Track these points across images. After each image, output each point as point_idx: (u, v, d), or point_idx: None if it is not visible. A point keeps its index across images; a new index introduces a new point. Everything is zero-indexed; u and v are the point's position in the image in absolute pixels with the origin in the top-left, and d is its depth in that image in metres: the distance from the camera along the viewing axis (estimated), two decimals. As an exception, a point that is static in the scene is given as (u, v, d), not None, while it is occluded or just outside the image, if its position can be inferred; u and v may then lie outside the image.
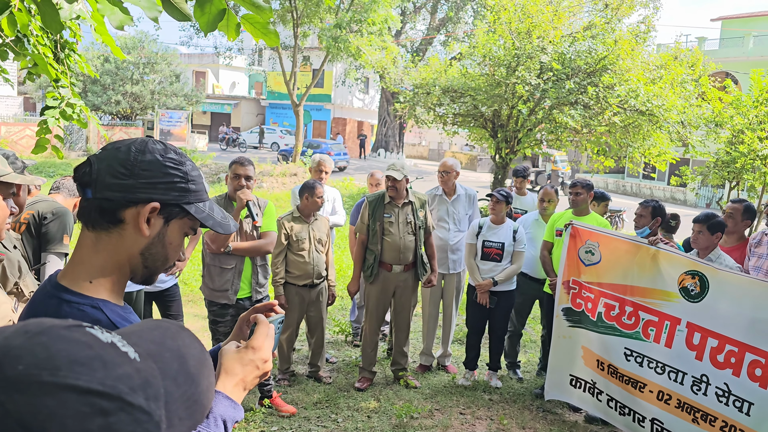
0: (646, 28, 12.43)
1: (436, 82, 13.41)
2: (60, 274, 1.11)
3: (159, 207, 1.10)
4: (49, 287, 1.10)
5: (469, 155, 34.88)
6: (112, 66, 27.62)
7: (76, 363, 0.54)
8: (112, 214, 1.08)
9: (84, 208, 1.10)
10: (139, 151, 1.09)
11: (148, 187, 1.08)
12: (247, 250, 4.10)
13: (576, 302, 4.50)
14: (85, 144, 24.55)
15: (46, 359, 0.53)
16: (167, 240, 1.15)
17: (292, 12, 19.77)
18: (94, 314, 1.06)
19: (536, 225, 5.44)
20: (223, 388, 1.13)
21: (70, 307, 1.05)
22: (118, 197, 1.07)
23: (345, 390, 4.90)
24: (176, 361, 0.68)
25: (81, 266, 1.09)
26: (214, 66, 42.21)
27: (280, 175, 18.67)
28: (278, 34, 1.59)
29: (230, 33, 1.57)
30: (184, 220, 1.16)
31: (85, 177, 1.08)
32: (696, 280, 3.74)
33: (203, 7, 1.48)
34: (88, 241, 1.10)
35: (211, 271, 4.13)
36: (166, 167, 1.11)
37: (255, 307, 1.39)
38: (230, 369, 1.16)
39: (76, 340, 0.57)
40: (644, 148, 12.00)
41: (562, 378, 4.62)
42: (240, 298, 4.15)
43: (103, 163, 1.08)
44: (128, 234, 1.09)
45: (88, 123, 4.22)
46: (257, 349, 1.20)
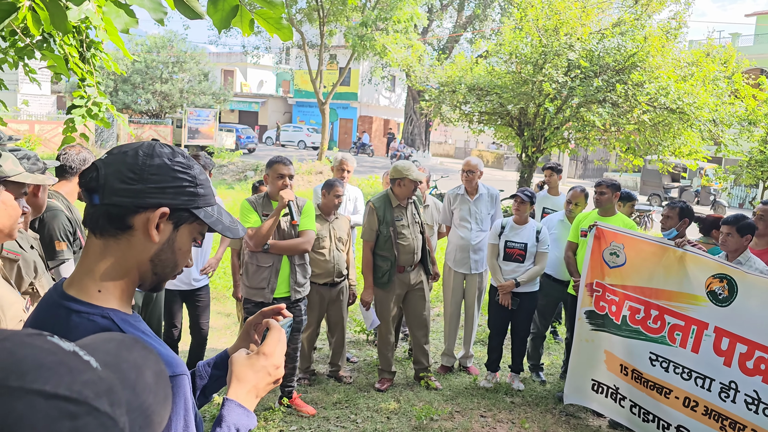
0: (677, 24, 12.17)
1: (462, 80, 13.32)
2: (67, 282, 1.09)
3: (169, 212, 1.08)
4: (56, 296, 1.08)
5: (496, 154, 34.64)
6: (142, 65, 28.08)
7: (43, 368, 0.55)
8: (120, 220, 1.06)
9: (91, 214, 1.07)
10: (147, 155, 1.07)
11: (157, 192, 1.06)
12: (284, 248, 4.11)
13: (599, 305, 4.41)
14: (116, 142, 24.97)
15: (12, 364, 0.54)
16: (177, 246, 1.13)
17: (318, 10, 19.85)
18: (104, 324, 1.03)
19: (561, 225, 5.35)
20: (236, 395, 1.12)
21: (79, 317, 1.03)
22: (126, 203, 1.05)
23: (365, 390, 4.88)
24: (133, 371, 0.68)
25: (89, 274, 1.07)
26: (242, 64, 42.61)
27: (306, 173, 18.77)
28: (291, 29, 1.57)
29: (244, 29, 1.56)
30: (193, 225, 1.14)
31: (92, 182, 1.05)
32: (724, 283, 3.63)
33: (216, 4, 1.47)
34: (96, 249, 1.08)
35: (249, 268, 4.13)
36: (174, 171, 1.09)
37: (263, 311, 1.38)
38: (242, 376, 1.15)
39: (39, 346, 0.57)
40: (674, 146, 11.74)
41: (584, 382, 4.53)
42: (277, 297, 4.14)
43: (111, 168, 1.06)
44: (137, 240, 1.07)
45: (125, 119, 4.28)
46: (269, 355, 1.19)
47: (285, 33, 1.52)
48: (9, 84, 20.80)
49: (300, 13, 21.76)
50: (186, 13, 1.47)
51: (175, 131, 25.78)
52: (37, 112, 26.13)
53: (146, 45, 29.37)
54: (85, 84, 4.23)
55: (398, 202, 4.76)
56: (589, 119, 11.30)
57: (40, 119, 24.29)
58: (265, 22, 1.52)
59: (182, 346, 4.89)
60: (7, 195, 1.71)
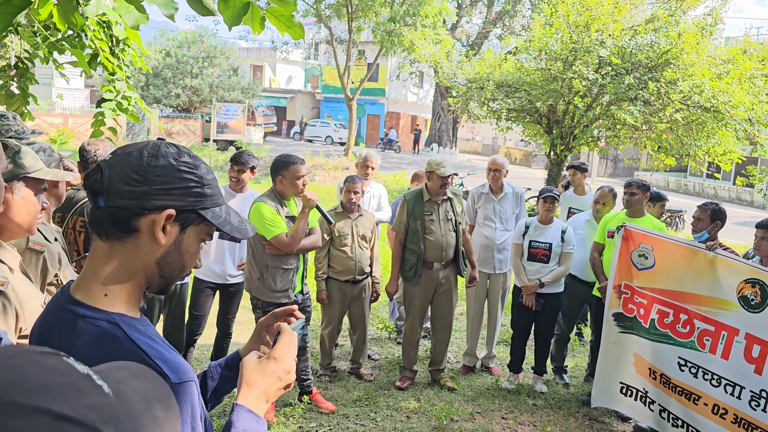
0: (713, 21, 11.84)
1: (491, 77, 13.18)
2: (73, 286, 1.07)
3: (175, 214, 1.06)
4: (63, 300, 1.06)
5: (524, 151, 34.31)
6: (173, 60, 28.49)
7: (50, 387, 0.54)
8: (125, 223, 1.04)
9: (95, 217, 1.05)
10: (152, 155, 1.05)
11: (162, 194, 1.04)
12: (305, 247, 4.09)
13: (628, 307, 4.31)
14: (147, 135, 25.35)
15: (21, 381, 0.53)
16: (184, 248, 1.11)
17: (347, 6, 19.86)
18: (110, 330, 1.02)
19: (588, 226, 5.25)
20: (245, 401, 1.10)
21: (85, 323, 1.01)
22: (131, 205, 1.03)
23: (386, 388, 4.86)
24: (142, 402, 0.66)
25: (95, 279, 1.05)
26: (271, 60, 42.89)
27: (332, 169, 18.83)
28: (302, 27, 1.55)
29: (255, 26, 1.54)
30: (200, 226, 1.12)
31: (97, 185, 1.03)
32: (756, 288, 3.51)
33: (227, 1, 1.45)
34: (102, 252, 1.06)
35: (274, 273, 4.01)
36: (180, 172, 1.07)
37: (274, 312, 1.35)
38: (252, 381, 1.13)
39: (51, 366, 0.57)
40: (708, 146, 11.44)
41: (611, 385, 4.44)
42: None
43: (115, 169, 1.03)
44: (143, 243, 1.05)
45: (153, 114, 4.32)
46: (280, 359, 1.16)
47: (296, 31, 1.49)
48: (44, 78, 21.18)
49: (329, 8, 21.80)
50: (198, 10, 1.46)
51: (204, 125, 26.08)
52: (72, 105, 26.66)
53: (177, 40, 29.77)
54: (114, 78, 4.27)
55: (430, 196, 4.73)
56: (620, 117, 11.09)
57: (74, 113, 24.77)
58: (275, 20, 1.49)
59: (205, 340, 4.94)
60: (27, 191, 1.72)
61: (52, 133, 21.10)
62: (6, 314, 1.58)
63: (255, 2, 1.51)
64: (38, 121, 19.13)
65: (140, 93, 27.84)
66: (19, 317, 1.63)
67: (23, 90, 4.43)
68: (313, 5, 21.18)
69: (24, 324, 1.63)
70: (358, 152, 6.03)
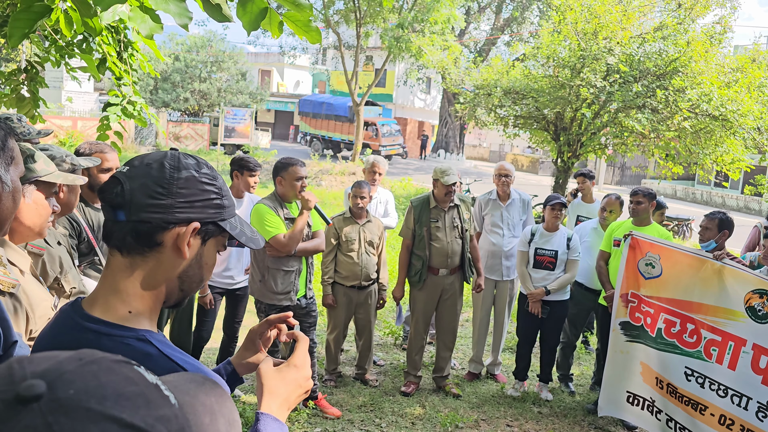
0: (722, 29, 11.81)
1: (498, 83, 13.18)
2: (88, 304, 1.02)
3: (199, 227, 1.04)
4: (77, 318, 1.01)
5: (531, 158, 34.26)
6: (181, 64, 28.65)
7: (122, 396, 0.55)
8: (149, 237, 1.01)
9: (115, 231, 1.02)
10: (174, 167, 1.03)
11: (186, 207, 1.02)
12: (307, 249, 4.12)
13: (635, 316, 4.30)
14: (155, 139, 25.49)
15: (95, 388, 0.54)
16: (204, 260, 1.09)
17: (355, 12, 19.93)
18: (142, 348, 0.99)
19: (594, 234, 5.24)
20: (269, 409, 1.09)
21: (111, 341, 0.97)
22: (156, 219, 1.00)
23: (391, 394, 4.86)
24: (208, 416, 0.66)
25: (116, 295, 1.02)
26: (279, 65, 43.05)
27: (339, 174, 18.85)
28: (320, 31, 1.56)
29: (273, 31, 1.56)
30: (218, 238, 1.11)
31: (118, 198, 1.00)
32: (764, 299, 3.49)
33: (245, 6, 1.47)
34: (122, 267, 1.02)
35: (275, 274, 4.05)
36: (202, 184, 1.05)
37: (268, 319, 1.33)
38: (274, 389, 1.12)
39: (124, 374, 0.58)
40: (716, 154, 11.40)
41: (618, 394, 4.42)
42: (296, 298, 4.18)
43: (136, 182, 1.00)
44: (166, 257, 1.03)
45: (159, 119, 4.34)
46: (300, 366, 1.17)
47: (313, 36, 1.51)
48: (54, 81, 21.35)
49: (337, 14, 21.90)
50: (215, 16, 1.47)
51: (212, 129, 26.19)
52: (81, 108, 26.84)
53: (186, 44, 29.94)
54: (121, 83, 4.31)
55: (437, 203, 4.74)
56: (628, 125, 11.06)
57: (84, 116, 24.92)
58: (293, 25, 1.51)
59: (211, 344, 4.95)
60: (38, 194, 1.73)
61: (62, 136, 21.23)
62: (17, 316, 1.60)
63: (271, 7, 1.53)
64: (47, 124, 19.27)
65: (149, 97, 28.03)
66: (29, 319, 1.65)
67: (33, 93, 4.47)
68: (321, 11, 21.27)
69: (34, 326, 1.64)
70: (366, 158, 6.04)
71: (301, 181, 4.00)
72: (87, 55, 3.25)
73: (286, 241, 3.90)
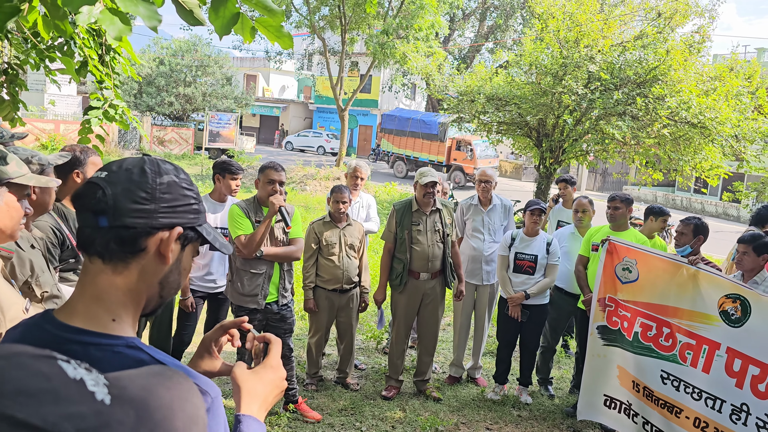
0: (701, 38, 12.02)
1: (481, 90, 13.30)
2: (65, 314, 0.98)
3: (182, 231, 1.04)
4: (55, 330, 0.96)
5: (514, 164, 34.48)
6: (166, 68, 28.49)
7: (23, 394, 0.53)
8: (133, 243, 0.99)
9: (95, 238, 0.98)
10: (156, 172, 1.02)
11: (169, 212, 1.01)
12: (278, 255, 4.11)
13: (612, 320, 4.36)
14: (139, 143, 25.31)
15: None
16: (183, 266, 1.09)
17: (340, 18, 19.98)
18: (134, 355, 0.96)
19: (572, 238, 5.31)
20: (250, 410, 1.10)
21: (100, 350, 0.94)
22: (141, 224, 0.98)
23: (371, 398, 4.87)
24: (161, 412, 0.64)
25: (98, 303, 0.99)
26: (264, 70, 42.99)
27: (324, 179, 18.84)
28: (291, 37, 1.58)
29: (245, 36, 1.57)
30: (194, 243, 1.10)
31: (100, 204, 0.97)
32: (737, 304, 3.56)
33: (217, 11, 1.49)
34: (103, 274, 0.99)
35: (242, 276, 4.10)
36: (183, 189, 1.05)
37: (222, 324, 1.32)
38: (252, 390, 1.13)
39: (35, 370, 0.56)
40: (695, 161, 11.58)
41: (596, 398, 4.47)
42: (267, 302, 4.17)
43: (118, 187, 0.98)
44: (148, 263, 1.02)
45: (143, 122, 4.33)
46: (276, 367, 1.18)
47: (285, 41, 1.53)
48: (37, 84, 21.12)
49: (322, 20, 21.93)
50: (188, 20, 1.49)
51: (197, 134, 26.07)
52: (63, 111, 26.58)
53: (171, 48, 29.79)
54: (102, 86, 4.29)
55: (419, 207, 4.77)
56: (609, 132, 11.20)
57: (66, 119, 24.69)
58: (265, 30, 1.53)
59: (192, 348, 4.92)
60: (10, 196, 1.72)
61: (44, 139, 21.01)
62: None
63: (245, 12, 1.55)
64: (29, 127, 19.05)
65: (133, 101, 27.82)
66: (0, 322, 1.64)
67: (13, 96, 4.43)
68: (306, 16, 21.30)
69: (3, 329, 1.64)
70: (348, 163, 6.07)
71: (273, 184, 4.01)
72: (66, 58, 3.24)
73: (246, 242, 3.93)
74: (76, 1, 1.05)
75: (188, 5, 1.47)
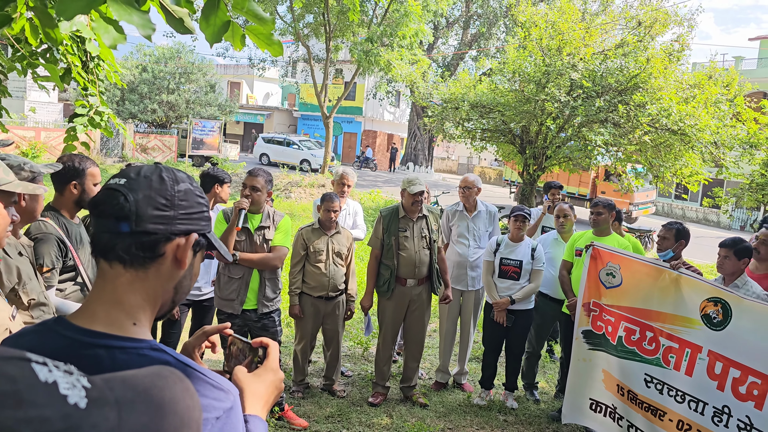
0: (680, 47, 12.24)
1: (465, 98, 13.41)
2: (84, 319, 0.99)
3: (197, 238, 1.07)
4: (76, 335, 0.97)
5: (498, 170, 34.69)
6: (149, 75, 28.31)
7: None
8: (153, 248, 1.02)
9: (117, 243, 1.00)
10: (173, 180, 1.06)
11: (185, 218, 1.05)
12: (254, 261, 4.10)
13: (596, 324, 4.40)
14: (121, 151, 25.10)
15: None
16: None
17: (325, 25, 20.01)
18: (159, 357, 0.98)
19: (555, 244, 5.36)
20: (255, 410, 1.13)
21: (126, 354, 0.96)
22: (161, 230, 1.02)
23: (358, 405, 4.87)
24: (148, 415, 0.64)
25: (118, 308, 1.01)
26: (248, 77, 42.90)
27: (308, 186, 18.81)
28: (282, 44, 1.60)
29: (236, 43, 1.59)
30: (203, 250, 1.14)
31: (123, 210, 0.99)
32: (719, 307, 3.62)
33: (208, 19, 1.50)
34: (123, 279, 1.02)
35: (221, 279, 4.18)
36: (197, 196, 1.08)
37: (204, 330, 1.34)
38: (256, 392, 1.16)
39: (2, 373, 0.55)
40: (676, 167, 11.77)
41: (581, 402, 4.51)
42: (246, 309, 4.17)
43: (139, 194, 1.01)
44: (166, 268, 1.05)
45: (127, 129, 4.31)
46: (276, 369, 1.22)
47: (275, 48, 1.55)
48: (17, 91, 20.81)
49: (307, 27, 21.96)
50: (178, 29, 1.50)
51: (180, 141, 25.92)
52: (44, 119, 26.29)
53: (154, 55, 29.62)
54: (87, 93, 4.27)
55: (405, 213, 4.79)
56: (591, 138, 11.34)
57: (47, 126, 24.43)
58: (256, 38, 1.54)
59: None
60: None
61: (24, 147, 20.75)
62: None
63: (234, 20, 1.56)
64: (9, 134, 18.83)
65: (116, 108, 27.58)
66: None
67: (-4, 103, 4.40)
68: (291, 24, 21.32)
69: None
70: (335, 169, 6.07)
71: (246, 188, 4.07)
72: (51, 65, 3.23)
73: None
74: (69, 9, 1.06)
75: (178, 14, 1.48)
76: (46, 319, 1.04)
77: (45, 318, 2.17)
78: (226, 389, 1.00)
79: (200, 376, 0.98)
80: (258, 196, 4.08)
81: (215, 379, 1.01)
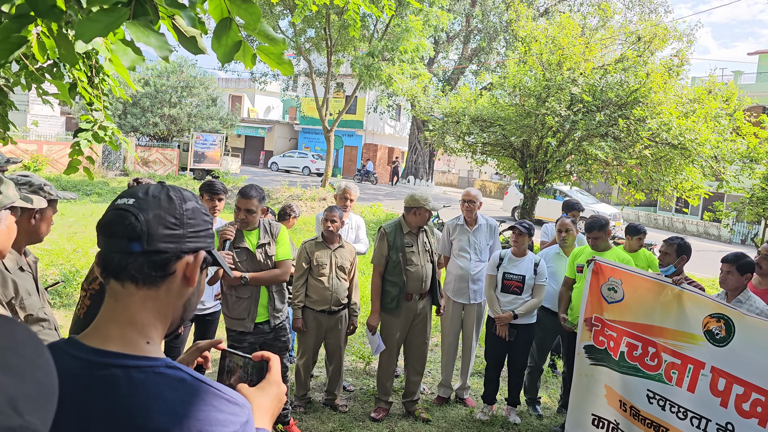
0: (680, 62, 12.32)
1: (466, 112, 13.48)
2: (99, 340, 1.00)
3: (205, 255, 1.09)
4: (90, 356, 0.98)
5: (499, 184, 34.75)
6: (151, 89, 28.46)
7: None
8: (164, 267, 1.03)
9: (129, 263, 1.02)
10: (181, 198, 1.08)
11: (194, 237, 1.07)
12: (263, 280, 4.09)
13: (599, 340, 4.40)
14: (123, 164, 25.17)
15: None
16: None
17: (326, 40, 20.16)
18: (176, 374, 0.99)
19: (557, 258, 5.37)
20: (263, 424, 1.14)
21: (142, 373, 0.97)
22: (172, 249, 1.03)
23: (360, 420, 4.85)
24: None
25: (132, 327, 1.02)
26: (250, 91, 43.11)
27: (309, 200, 18.84)
28: (292, 63, 1.62)
29: (247, 62, 1.61)
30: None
31: (135, 230, 1.01)
32: (721, 323, 3.62)
33: (220, 39, 1.52)
34: (135, 299, 1.03)
35: (228, 300, 4.12)
36: (203, 214, 1.11)
37: (198, 346, 1.35)
38: (262, 405, 1.17)
39: None
40: (676, 181, 11.80)
41: (584, 417, 4.49)
42: (258, 323, 4.16)
43: (149, 213, 1.02)
44: (176, 286, 1.06)
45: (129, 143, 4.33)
46: (279, 383, 1.23)
47: (286, 68, 1.57)
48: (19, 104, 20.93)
49: (308, 42, 22.11)
50: (190, 49, 1.53)
51: (182, 155, 26.00)
52: (47, 132, 26.41)
53: (156, 69, 29.80)
54: (92, 108, 4.30)
55: (409, 229, 4.80)
56: (592, 153, 11.39)
57: (49, 140, 24.52)
58: (267, 57, 1.57)
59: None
60: (12, 219, 1.75)
61: (26, 160, 20.82)
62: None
63: (245, 39, 1.59)
64: (12, 148, 18.91)
65: (118, 121, 27.70)
66: None
67: (2, 116, 4.43)
68: (293, 38, 21.47)
69: None
70: (338, 184, 6.10)
71: (240, 212, 4.02)
72: (59, 81, 3.26)
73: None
74: (88, 32, 1.09)
75: (190, 33, 1.51)
76: (56, 341, 1.04)
77: (45, 333, 2.18)
78: (241, 404, 1.01)
79: (216, 391, 1.00)
80: (253, 218, 4.07)
81: (230, 394, 1.02)
